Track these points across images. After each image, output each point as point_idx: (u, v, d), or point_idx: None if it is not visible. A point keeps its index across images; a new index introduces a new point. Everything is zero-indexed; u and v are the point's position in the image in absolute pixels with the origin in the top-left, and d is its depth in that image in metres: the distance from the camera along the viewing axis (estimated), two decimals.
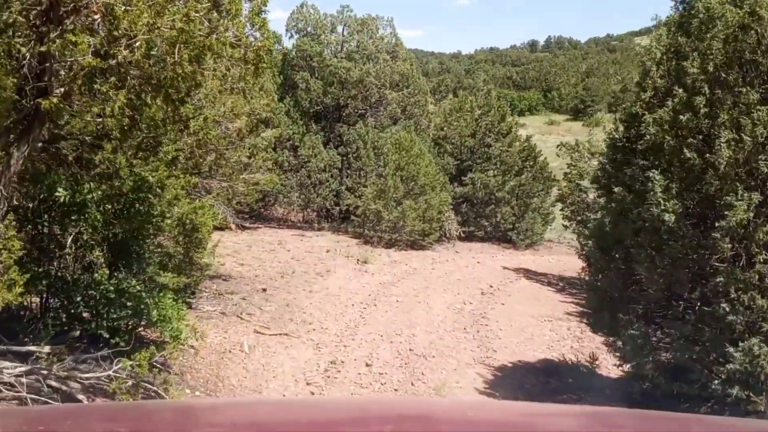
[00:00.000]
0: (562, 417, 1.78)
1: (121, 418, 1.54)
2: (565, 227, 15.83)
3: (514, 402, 6.42)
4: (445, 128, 21.13)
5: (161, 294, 6.85)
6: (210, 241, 8.94)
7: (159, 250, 8.22)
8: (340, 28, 19.99)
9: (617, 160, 6.98)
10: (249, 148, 11.89)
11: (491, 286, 13.99)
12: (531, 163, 20.68)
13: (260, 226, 19.12)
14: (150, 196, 6.04)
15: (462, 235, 19.82)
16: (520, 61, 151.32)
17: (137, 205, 5.99)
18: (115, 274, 6.51)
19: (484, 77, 76.61)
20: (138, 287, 6.65)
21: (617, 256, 6.40)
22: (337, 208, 19.01)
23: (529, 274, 16.21)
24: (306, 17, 19.63)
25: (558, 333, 11.31)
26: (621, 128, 7.12)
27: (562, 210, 15.78)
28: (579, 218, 15.43)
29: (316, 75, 19.28)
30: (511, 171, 20.42)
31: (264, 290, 10.64)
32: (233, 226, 17.45)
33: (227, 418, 1.55)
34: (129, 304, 6.37)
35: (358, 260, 14.40)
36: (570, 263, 18.75)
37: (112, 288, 6.10)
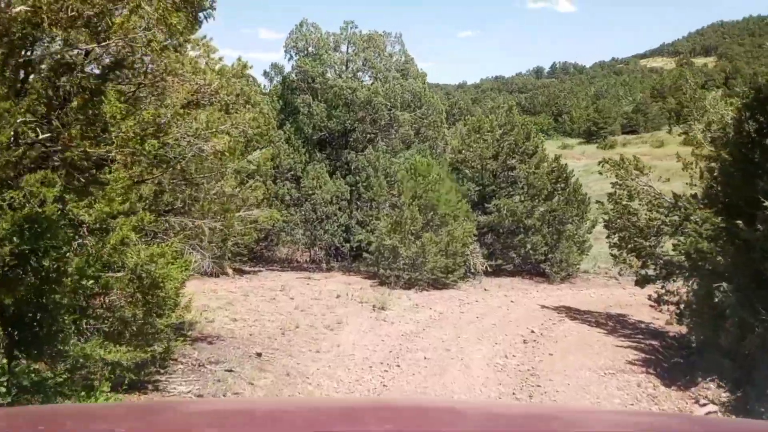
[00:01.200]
0: (562, 417, 1.70)
1: (121, 418, 1.54)
2: (615, 257, 13.62)
3: (514, 402, 6.12)
4: (463, 151, 19.08)
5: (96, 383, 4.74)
6: (182, 296, 6.84)
7: (109, 314, 6.17)
8: (344, 47, 18.16)
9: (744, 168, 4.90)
10: (234, 176, 9.79)
11: (533, 332, 11.73)
12: (562, 185, 18.52)
13: (261, 269, 17.02)
14: (58, 244, 3.96)
15: (488, 269, 17.60)
16: (527, 87, 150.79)
17: (34, 260, 3.89)
18: (20, 361, 4.40)
19: (492, 104, 75.20)
20: (56, 378, 4.54)
21: None
22: (348, 245, 16.90)
23: (571, 313, 13.93)
24: (306, 36, 17.83)
25: (628, 392, 9.01)
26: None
27: (608, 237, 13.60)
28: (629, 245, 13.20)
29: (319, 98, 17.39)
30: (540, 195, 18.28)
31: (259, 355, 8.45)
32: (230, 272, 15.35)
33: (227, 418, 1.52)
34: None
35: (374, 306, 12.22)
36: (613, 297, 16.47)
37: (3, 388, 3.98)
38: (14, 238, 3.64)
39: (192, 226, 8.20)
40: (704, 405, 8.64)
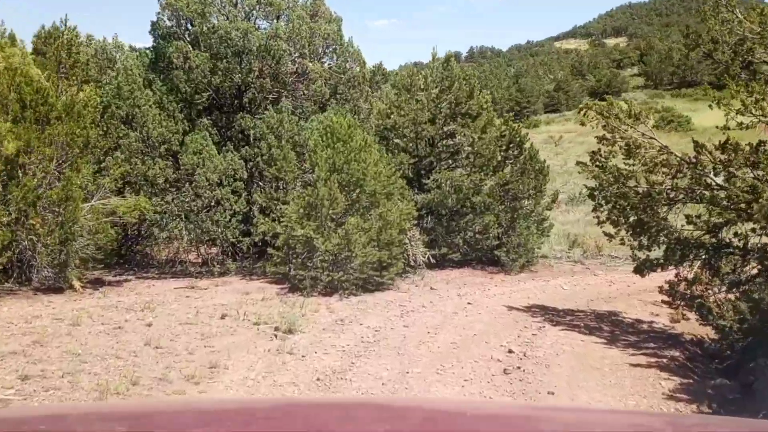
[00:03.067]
0: (562, 417, 1.70)
1: (121, 418, 1.54)
2: (610, 237, 10.17)
3: (514, 402, 6.02)
4: (392, 115, 15.22)
5: None
6: None
7: None
8: None
9: None
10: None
11: (511, 351, 8.05)
12: (515, 153, 15.02)
13: (130, 277, 12.55)
14: None
15: (431, 261, 13.88)
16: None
17: None
18: None
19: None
20: None
21: None
22: (247, 239, 12.68)
23: (549, 314, 10.40)
24: None
25: None
26: None
27: (595, 210, 10.13)
28: (627, 220, 9.77)
29: (201, 46, 13.03)
30: (488, 166, 14.70)
31: None
32: (77, 285, 10.86)
33: (227, 418, 1.51)
34: None
35: (276, 330, 8.17)
36: (590, 288, 13.14)
37: None
38: None
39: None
40: None
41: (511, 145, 15.06)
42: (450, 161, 15.12)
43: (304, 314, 9.03)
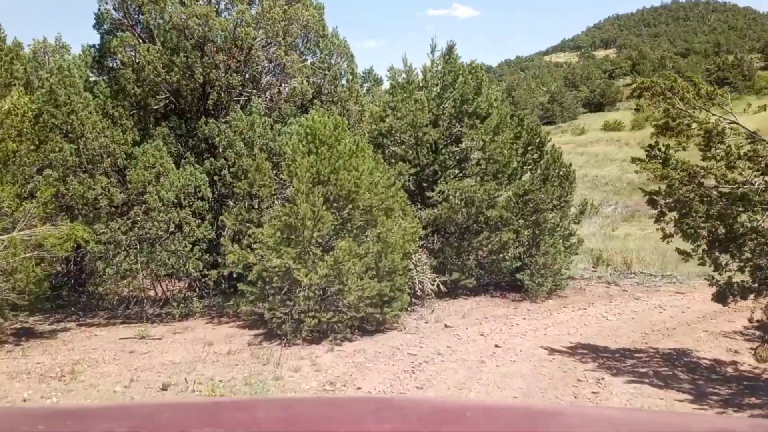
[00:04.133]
0: (562, 417, 1.70)
1: (121, 418, 1.56)
2: (686, 256, 7.82)
3: (514, 402, 5.92)
4: (387, 118, 12.93)
5: None
6: None
7: None
8: None
9: None
10: None
11: None
12: (535, 156, 12.69)
13: (71, 324, 10.06)
14: None
15: (441, 289, 11.47)
16: None
17: None
18: None
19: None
20: None
21: None
22: (215, 272, 10.21)
23: (603, 358, 7.99)
24: None
25: None
26: None
27: (658, 221, 7.74)
28: (705, 230, 7.44)
29: (155, 39, 10.71)
30: (504, 173, 12.36)
31: None
32: None
33: (227, 418, 1.50)
34: None
35: None
36: (639, 317, 10.70)
37: None
38: None
39: None
40: None
41: (529, 148, 12.75)
42: (457, 169, 12.79)
43: (279, 377, 6.59)
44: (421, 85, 13.26)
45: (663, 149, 7.71)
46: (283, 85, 11.50)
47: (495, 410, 1.74)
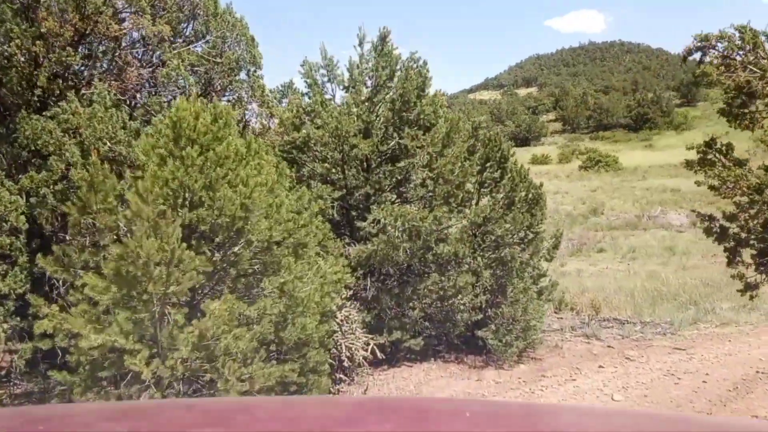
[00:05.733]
0: (562, 417, 1.70)
1: (121, 418, 1.56)
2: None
3: (514, 402, 5.99)
4: (303, 126, 9.81)
5: None
6: None
7: None
8: None
9: None
10: None
11: None
12: (496, 174, 9.80)
13: None
14: None
15: (376, 355, 8.23)
16: None
17: None
18: None
19: None
20: None
21: None
22: (29, 345, 6.55)
23: None
24: None
25: None
26: None
27: (732, 262, 4.95)
28: None
29: None
30: (457, 196, 9.40)
31: None
32: None
33: (227, 418, 1.51)
34: None
35: None
36: (660, 392, 7.73)
37: None
38: None
39: None
40: None
41: (488, 165, 9.84)
42: (396, 193, 9.75)
43: None
44: (347, 85, 10.22)
45: (723, 148, 4.97)
46: (149, 69, 8.11)
47: (495, 410, 1.71)
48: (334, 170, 9.96)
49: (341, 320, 7.40)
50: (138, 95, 8.51)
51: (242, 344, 5.12)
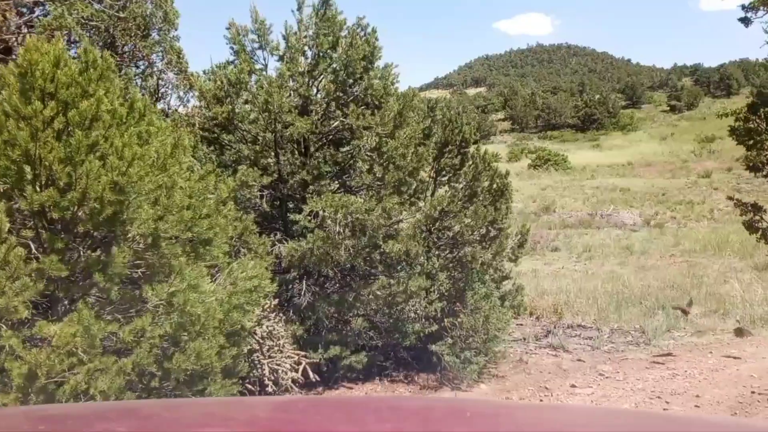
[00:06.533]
0: (562, 417, 1.65)
1: (121, 418, 1.54)
2: None
3: (514, 402, 5.79)
4: (226, 101, 8.20)
5: None
6: None
7: None
8: None
9: None
10: None
11: None
12: (455, 161, 8.43)
13: None
14: None
15: (309, 376, 6.74)
16: None
17: None
18: None
19: None
20: None
21: None
22: None
23: None
24: None
25: None
26: None
27: None
28: None
29: None
30: (409, 185, 7.98)
31: None
32: None
33: (227, 418, 1.49)
34: None
35: None
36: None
37: None
38: None
39: None
40: None
41: (447, 150, 8.46)
42: (339, 180, 8.28)
43: None
44: (282, 54, 8.65)
45: None
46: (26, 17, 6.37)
47: (495, 410, 1.68)
48: (264, 152, 8.42)
49: (262, 337, 5.87)
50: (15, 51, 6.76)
51: (104, 383, 3.54)
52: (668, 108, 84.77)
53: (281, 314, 6.82)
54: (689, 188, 34.48)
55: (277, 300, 6.55)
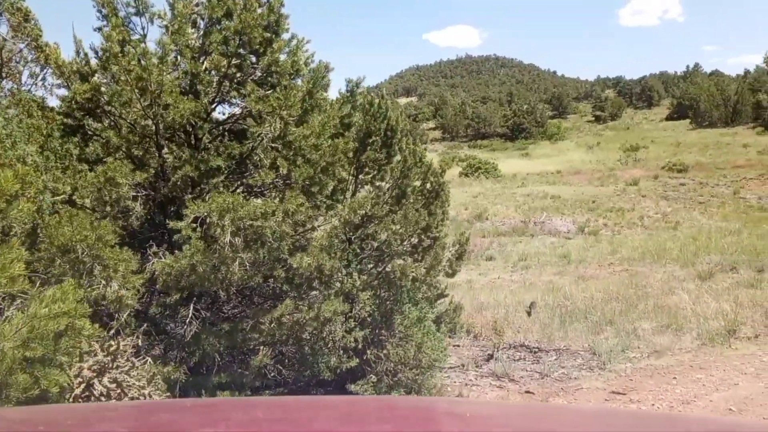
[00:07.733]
0: (562, 417, 1.62)
1: (121, 418, 1.51)
2: None
3: (514, 402, 5.74)
4: (94, 77, 6.41)
5: None
6: None
7: None
8: None
9: None
10: None
11: None
12: (382, 155, 6.92)
13: None
14: None
15: None
16: None
17: None
18: None
19: None
20: None
21: None
22: None
23: None
24: None
25: None
26: None
27: None
28: None
29: None
30: (323, 183, 6.41)
31: None
32: None
33: (227, 418, 1.48)
34: None
35: None
36: None
37: None
38: None
39: None
40: None
41: (370, 141, 6.93)
42: (233, 176, 6.61)
43: None
44: (168, 24, 6.92)
45: None
46: None
47: (495, 410, 1.67)
48: (143, 144, 6.66)
49: (103, 393, 4.14)
50: None
51: None
52: (593, 118, 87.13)
53: (149, 354, 5.09)
54: (618, 195, 34.51)
55: (138, 337, 4.82)
